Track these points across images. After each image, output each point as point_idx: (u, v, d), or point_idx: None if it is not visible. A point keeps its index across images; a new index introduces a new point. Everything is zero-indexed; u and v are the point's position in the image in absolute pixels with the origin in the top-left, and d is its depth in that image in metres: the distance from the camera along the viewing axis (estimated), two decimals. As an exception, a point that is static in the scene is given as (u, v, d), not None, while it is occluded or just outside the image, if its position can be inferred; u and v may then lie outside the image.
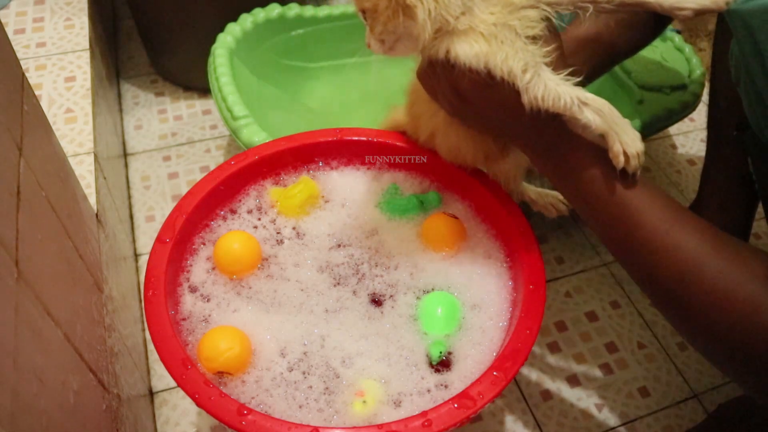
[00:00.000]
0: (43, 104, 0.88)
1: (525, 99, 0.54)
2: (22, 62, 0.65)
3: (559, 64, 0.55)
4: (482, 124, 0.62)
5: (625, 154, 0.53)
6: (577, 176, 0.57)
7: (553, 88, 0.53)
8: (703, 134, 1.25)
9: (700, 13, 0.55)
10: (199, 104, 1.24)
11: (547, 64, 0.54)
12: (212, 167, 1.08)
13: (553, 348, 0.92)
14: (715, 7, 0.54)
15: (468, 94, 0.57)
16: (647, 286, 0.56)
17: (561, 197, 0.75)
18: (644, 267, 0.55)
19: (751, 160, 0.72)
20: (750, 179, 0.81)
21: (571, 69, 0.55)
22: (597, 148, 0.56)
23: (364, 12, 0.57)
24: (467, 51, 0.53)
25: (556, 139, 0.57)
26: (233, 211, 0.75)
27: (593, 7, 0.54)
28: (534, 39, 0.53)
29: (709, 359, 0.56)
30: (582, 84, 0.55)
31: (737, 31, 0.55)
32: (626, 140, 0.53)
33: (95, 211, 0.75)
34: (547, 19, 0.54)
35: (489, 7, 0.53)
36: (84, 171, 0.80)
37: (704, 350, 0.56)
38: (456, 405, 0.56)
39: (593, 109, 0.53)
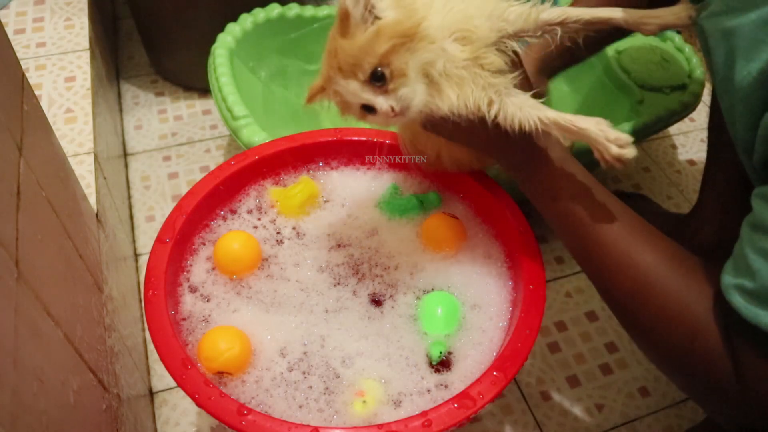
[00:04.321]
0: (43, 104, 0.88)
1: (491, 124, 0.56)
2: (22, 62, 0.65)
3: (524, 86, 0.58)
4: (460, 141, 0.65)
5: (606, 159, 0.53)
6: (545, 193, 0.61)
7: (518, 115, 0.55)
8: (703, 134, 1.25)
9: (665, 29, 0.57)
10: (199, 104, 1.24)
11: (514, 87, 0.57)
12: (212, 167, 1.08)
13: (553, 348, 0.92)
14: (678, 22, 0.57)
15: (442, 132, 0.62)
16: (606, 299, 0.59)
17: None
18: (603, 282, 0.58)
19: None
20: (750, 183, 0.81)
21: (534, 91, 0.57)
22: (562, 166, 0.59)
23: (380, 65, 0.53)
24: (452, 100, 0.55)
25: (524, 160, 0.61)
26: (233, 211, 0.75)
27: (561, 29, 0.57)
28: (499, 72, 0.56)
29: (660, 371, 0.59)
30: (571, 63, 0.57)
31: (700, 42, 0.56)
32: (603, 146, 0.53)
33: (95, 211, 0.75)
34: (513, 52, 0.57)
35: (459, 47, 0.54)
36: (84, 171, 0.80)
37: (654, 363, 0.59)
38: (456, 405, 0.56)
39: (558, 128, 0.55)
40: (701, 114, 1.27)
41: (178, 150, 1.16)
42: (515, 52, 0.57)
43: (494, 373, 0.58)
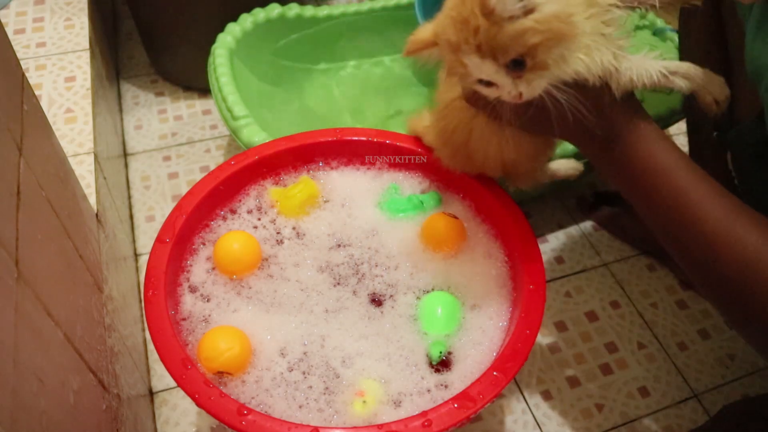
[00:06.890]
0: (43, 104, 0.88)
1: (615, 86, 0.56)
2: (22, 62, 0.65)
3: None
4: (544, 129, 0.62)
5: (716, 102, 0.57)
6: (635, 169, 0.57)
7: (642, 68, 0.56)
8: (703, 134, 1.26)
9: None
10: (199, 104, 1.24)
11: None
12: (212, 167, 1.08)
13: (553, 348, 0.92)
14: None
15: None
16: (703, 277, 0.55)
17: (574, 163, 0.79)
18: (703, 259, 0.54)
19: (732, 159, 0.72)
20: (731, 178, 0.81)
21: (648, 48, 0.57)
22: (658, 139, 0.57)
23: (525, 55, 0.52)
24: (580, 66, 0.54)
25: (615, 134, 0.58)
26: (233, 211, 0.75)
27: (658, 2, 0.57)
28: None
29: (763, 355, 0.56)
30: None
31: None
32: (715, 90, 0.58)
33: (95, 211, 0.75)
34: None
35: (583, 13, 0.53)
36: (84, 171, 0.80)
37: (761, 346, 0.55)
38: (456, 405, 0.56)
39: (681, 76, 0.57)
40: (701, 114, 1.28)
41: (178, 150, 1.16)
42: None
43: (494, 373, 0.58)
